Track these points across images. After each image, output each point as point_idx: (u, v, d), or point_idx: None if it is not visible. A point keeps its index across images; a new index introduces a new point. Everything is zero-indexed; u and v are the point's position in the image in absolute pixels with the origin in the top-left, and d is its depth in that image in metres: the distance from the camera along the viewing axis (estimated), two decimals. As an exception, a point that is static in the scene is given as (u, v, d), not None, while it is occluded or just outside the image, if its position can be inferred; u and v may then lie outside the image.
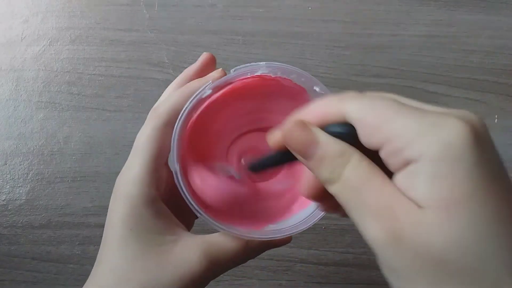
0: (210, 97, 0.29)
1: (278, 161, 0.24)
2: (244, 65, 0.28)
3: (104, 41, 0.52)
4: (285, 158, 0.22)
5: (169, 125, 0.27)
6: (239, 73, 0.28)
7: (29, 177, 0.49)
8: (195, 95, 0.28)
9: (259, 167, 0.26)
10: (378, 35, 0.52)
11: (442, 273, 0.16)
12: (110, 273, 0.25)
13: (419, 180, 0.16)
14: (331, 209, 0.23)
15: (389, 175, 0.18)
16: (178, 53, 0.51)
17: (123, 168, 0.27)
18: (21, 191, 0.48)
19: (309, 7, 0.53)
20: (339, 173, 0.18)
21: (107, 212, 0.27)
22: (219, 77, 0.29)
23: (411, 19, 0.53)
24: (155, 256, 0.25)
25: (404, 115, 0.17)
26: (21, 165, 0.49)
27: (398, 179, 0.17)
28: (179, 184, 0.26)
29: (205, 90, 0.28)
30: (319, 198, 0.23)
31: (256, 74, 0.29)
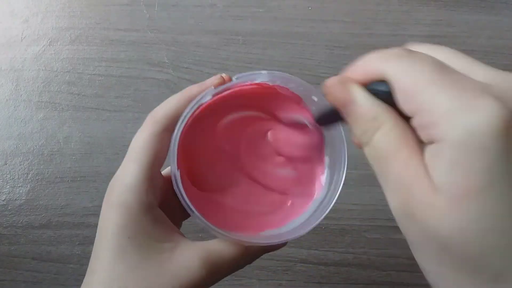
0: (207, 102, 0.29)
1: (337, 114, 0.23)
2: (247, 72, 0.28)
3: (104, 41, 0.52)
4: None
5: (168, 131, 0.27)
6: (240, 81, 0.28)
7: (29, 177, 0.49)
8: (196, 100, 0.27)
9: (324, 120, 0.26)
10: (378, 35, 0.52)
11: (445, 257, 0.16)
12: (107, 283, 0.24)
13: (439, 162, 0.16)
14: None
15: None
16: (178, 53, 0.51)
17: (118, 173, 0.27)
18: (21, 191, 0.48)
19: (309, 7, 0.53)
20: (370, 137, 0.19)
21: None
22: (219, 83, 0.28)
23: (411, 19, 0.53)
24: (155, 264, 0.25)
25: (440, 86, 0.16)
26: (21, 165, 0.49)
27: (426, 154, 0.17)
28: (179, 190, 0.26)
29: (206, 96, 0.27)
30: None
31: (256, 82, 0.29)
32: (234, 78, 0.28)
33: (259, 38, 0.52)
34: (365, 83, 0.20)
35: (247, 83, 0.29)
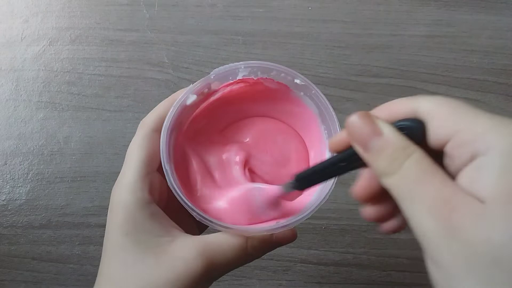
0: (200, 104, 0.31)
1: (331, 171, 0.23)
2: (222, 67, 0.29)
3: (104, 41, 0.52)
4: (341, 166, 0.22)
5: (157, 131, 0.28)
6: (219, 77, 0.29)
7: (29, 177, 0.49)
8: (178, 100, 0.29)
9: (308, 183, 0.25)
10: (378, 35, 0.52)
11: (496, 271, 0.15)
12: (108, 282, 0.25)
13: (486, 173, 0.16)
14: (377, 216, 0.24)
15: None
16: (178, 53, 0.51)
17: (118, 177, 0.28)
18: (21, 191, 0.48)
19: (309, 7, 0.53)
20: (400, 164, 0.18)
21: (107, 212, 0.27)
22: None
23: (411, 19, 0.53)
24: (152, 258, 0.25)
25: (475, 112, 0.18)
26: (21, 165, 0.49)
27: (461, 176, 0.18)
28: (170, 181, 0.27)
29: (188, 95, 0.29)
30: (369, 199, 0.23)
31: (238, 77, 0.30)
32: (211, 73, 0.29)
33: (259, 38, 0.52)
34: (390, 122, 0.20)
35: (230, 81, 0.30)
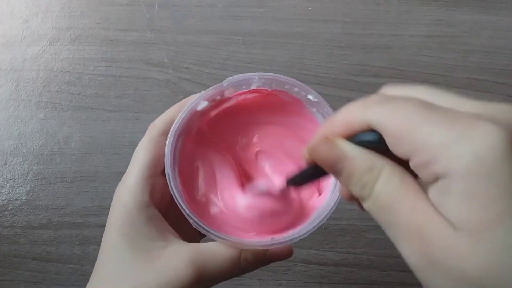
0: (211, 110, 0.30)
1: (314, 176, 0.23)
2: (236, 76, 0.29)
3: (104, 41, 0.52)
4: (320, 172, 0.21)
5: (165, 135, 0.28)
6: (233, 85, 0.29)
7: (29, 177, 0.49)
8: (188, 105, 0.29)
9: (298, 182, 0.26)
10: (378, 35, 0.52)
11: None
12: (101, 279, 0.25)
13: (450, 199, 0.15)
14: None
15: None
16: (178, 53, 0.51)
17: (123, 177, 0.28)
18: (21, 191, 0.48)
19: (309, 7, 0.53)
20: (370, 190, 0.18)
21: (107, 212, 0.27)
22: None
23: (411, 19, 0.53)
24: (144, 261, 0.25)
25: (430, 122, 0.16)
26: (21, 165, 0.49)
27: (431, 193, 0.16)
28: (170, 186, 0.27)
29: (199, 101, 0.29)
30: (353, 198, 0.22)
31: (251, 87, 0.30)
32: (224, 82, 0.29)
33: (259, 38, 0.52)
34: (349, 136, 0.19)
35: (244, 90, 0.30)
